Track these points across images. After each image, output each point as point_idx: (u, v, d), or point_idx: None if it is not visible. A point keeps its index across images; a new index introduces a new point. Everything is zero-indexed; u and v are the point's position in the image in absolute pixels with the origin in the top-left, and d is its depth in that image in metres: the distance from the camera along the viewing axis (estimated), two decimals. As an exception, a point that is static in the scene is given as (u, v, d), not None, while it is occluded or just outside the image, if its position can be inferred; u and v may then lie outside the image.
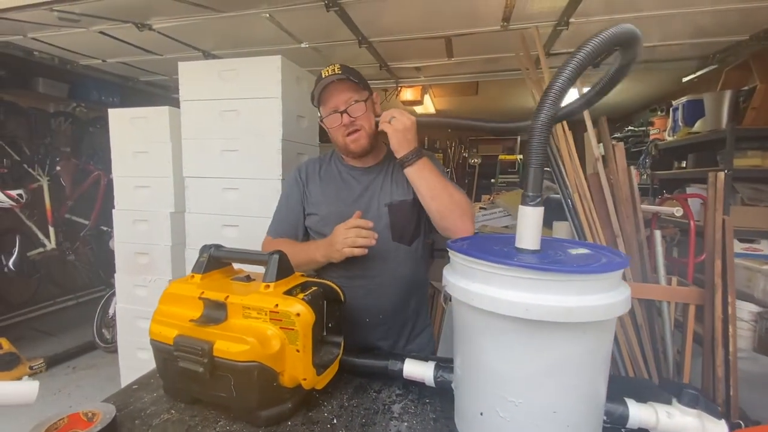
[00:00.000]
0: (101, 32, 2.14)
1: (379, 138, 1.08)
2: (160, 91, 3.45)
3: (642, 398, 0.69)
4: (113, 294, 2.88)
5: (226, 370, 0.67)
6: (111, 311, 2.84)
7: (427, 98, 4.19)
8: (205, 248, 0.83)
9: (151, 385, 0.84)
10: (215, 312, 0.73)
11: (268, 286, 0.73)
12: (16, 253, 2.65)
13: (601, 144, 1.74)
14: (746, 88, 2.59)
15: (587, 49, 0.64)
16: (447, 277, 0.66)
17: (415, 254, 1.09)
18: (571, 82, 0.64)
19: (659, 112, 4.08)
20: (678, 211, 1.95)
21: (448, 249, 0.67)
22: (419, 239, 1.10)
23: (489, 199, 3.72)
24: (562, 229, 1.95)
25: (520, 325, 0.55)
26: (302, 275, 0.82)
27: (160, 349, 0.73)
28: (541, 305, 0.53)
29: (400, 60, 2.66)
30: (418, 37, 2.19)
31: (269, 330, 0.68)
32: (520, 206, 0.66)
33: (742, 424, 1.25)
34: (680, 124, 3.14)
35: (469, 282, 0.60)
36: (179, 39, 2.24)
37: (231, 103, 1.56)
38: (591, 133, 1.72)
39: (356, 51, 2.41)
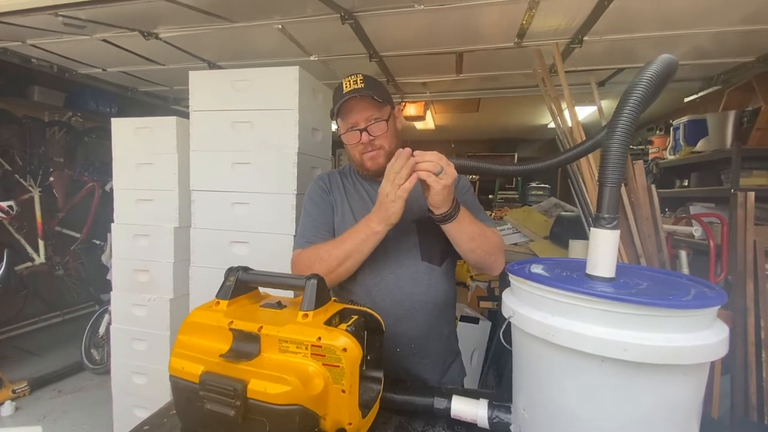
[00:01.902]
0: (104, 40, 2.07)
1: None
2: (159, 102, 3.38)
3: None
4: (104, 311, 2.74)
5: (261, 413, 0.59)
6: (101, 330, 2.70)
7: (428, 114, 4.19)
8: (231, 271, 0.75)
9: (165, 426, 0.74)
10: (247, 345, 0.64)
11: (307, 315, 0.66)
12: (3, 268, 2.51)
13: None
14: (750, 108, 2.61)
15: (657, 67, 0.59)
16: (513, 307, 0.59)
17: (446, 275, 1.03)
18: (649, 94, 0.59)
19: (658, 132, 4.14)
20: (697, 231, 1.92)
21: (514, 275, 0.61)
22: (449, 260, 1.03)
23: (491, 215, 3.69)
24: (579, 248, 1.90)
25: (612, 366, 0.48)
26: (336, 301, 0.74)
27: (182, 388, 0.64)
28: (643, 345, 0.46)
29: (408, 75, 2.64)
30: (430, 52, 2.17)
31: (311, 367, 0.60)
32: (594, 229, 0.60)
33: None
34: (681, 143, 3.16)
35: (547, 315, 0.53)
36: (185, 49, 2.19)
37: (244, 114, 1.49)
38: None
39: (365, 65, 2.38)
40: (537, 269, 0.66)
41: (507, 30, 1.91)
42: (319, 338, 0.61)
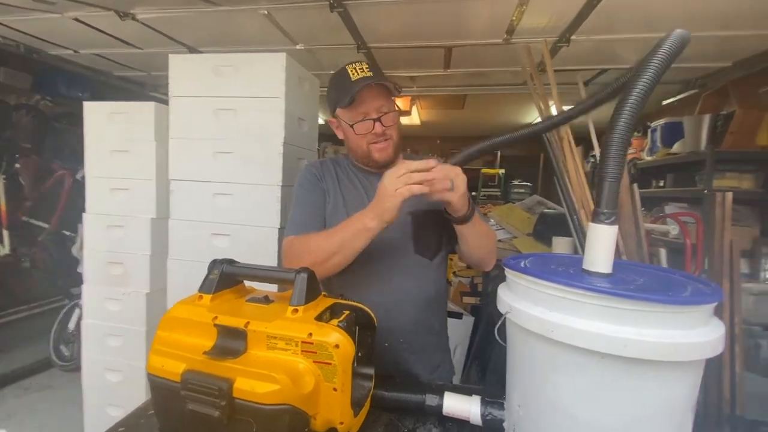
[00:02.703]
0: (76, 19, 1.96)
1: (401, 145, 1.00)
2: (135, 88, 3.23)
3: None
4: (75, 306, 2.62)
5: (247, 414, 0.56)
6: (71, 325, 2.58)
7: (413, 110, 4.17)
8: (215, 263, 0.71)
9: (142, 427, 0.70)
10: (232, 342, 0.61)
11: (296, 311, 0.63)
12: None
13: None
14: (724, 112, 2.71)
15: (664, 53, 0.58)
16: (510, 302, 0.58)
17: (438, 270, 1.01)
18: (652, 89, 0.58)
19: (636, 133, 4.26)
20: (674, 229, 1.97)
21: (512, 270, 0.60)
22: (441, 254, 1.02)
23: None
24: (562, 245, 1.93)
25: (611, 362, 0.48)
26: (326, 295, 0.71)
27: (161, 387, 0.61)
28: (643, 341, 0.46)
29: (396, 68, 2.61)
30: (419, 45, 2.15)
31: (301, 364, 0.58)
32: (592, 224, 0.59)
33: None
34: (659, 144, 3.26)
35: (545, 311, 0.52)
36: (164, 32, 2.09)
37: (227, 101, 1.43)
38: (598, 149, 1.72)
39: (353, 56, 2.34)
40: (533, 264, 0.66)
41: (496, 26, 1.90)
42: (310, 334, 0.58)
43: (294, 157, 1.51)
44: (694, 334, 0.47)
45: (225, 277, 0.70)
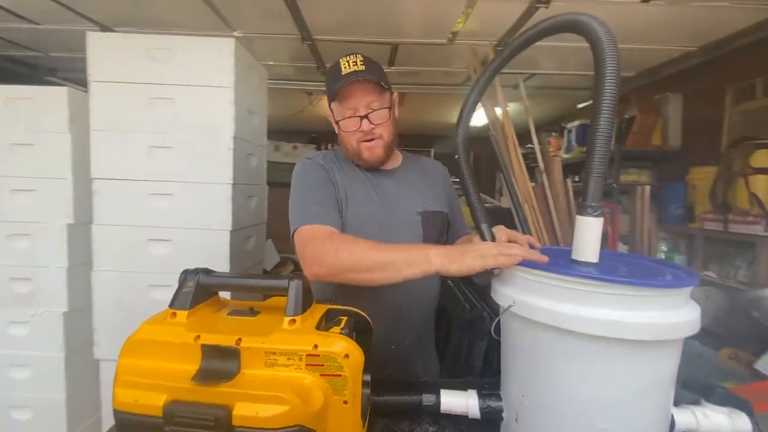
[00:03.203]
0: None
1: (396, 143, 0.97)
2: (26, 71, 2.73)
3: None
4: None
5: (251, 443, 0.49)
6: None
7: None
8: (188, 275, 0.62)
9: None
10: (221, 363, 0.53)
11: (294, 321, 0.57)
12: None
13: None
14: (627, 116, 3.11)
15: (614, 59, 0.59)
16: (513, 295, 0.59)
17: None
18: (618, 90, 0.62)
19: (553, 133, 4.72)
20: (597, 219, 2.21)
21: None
22: None
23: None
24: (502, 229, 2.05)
25: (617, 346, 0.51)
26: (317, 302, 0.66)
27: (136, 425, 0.51)
28: (645, 323, 0.49)
29: (341, 62, 2.55)
30: (366, 41, 2.12)
31: (307, 379, 0.53)
32: (580, 217, 0.63)
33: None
34: (574, 144, 3.64)
35: (554, 302, 0.54)
36: (68, 4, 1.78)
37: (164, 89, 1.27)
38: (537, 147, 1.86)
39: (296, 47, 2.24)
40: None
41: (442, 27, 1.95)
42: (316, 346, 0.53)
43: (244, 153, 1.39)
44: (684, 313, 0.52)
45: (201, 289, 0.62)
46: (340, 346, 0.54)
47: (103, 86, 1.27)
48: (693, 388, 0.72)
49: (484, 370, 1.62)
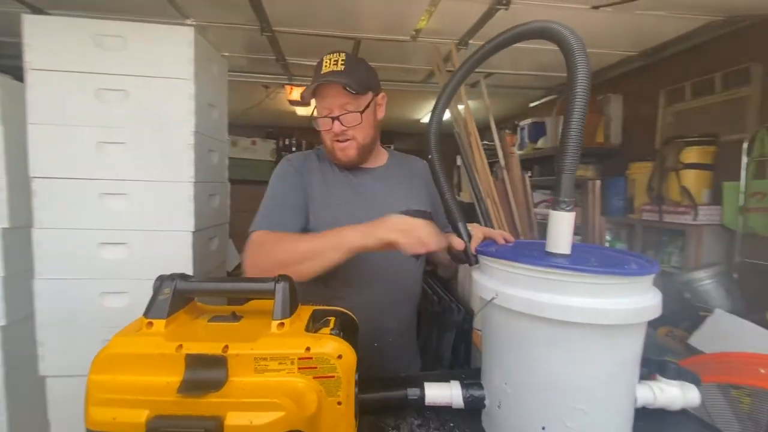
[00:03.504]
0: None
1: (376, 143, 0.98)
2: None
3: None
4: None
5: (245, 452, 0.48)
6: None
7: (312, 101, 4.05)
8: (164, 281, 0.58)
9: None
10: (207, 372, 0.51)
11: (282, 324, 0.56)
12: None
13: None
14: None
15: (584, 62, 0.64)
16: (495, 287, 0.62)
17: (420, 270, 1.03)
18: (588, 91, 0.67)
19: (507, 131, 4.93)
20: (552, 212, 2.35)
21: (498, 258, 0.63)
22: (423, 256, 1.03)
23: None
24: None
25: (594, 331, 0.55)
26: (302, 304, 0.65)
27: (115, 445, 0.47)
28: (618, 309, 0.54)
29: (301, 56, 2.49)
30: (328, 34, 2.08)
31: (300, 383, 0.52)
32: (553, 212, 0.66)
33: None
34: (527, 141, 3.84)
35: (534, 293, 0.57)
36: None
37: (114, 80, 1.16)
38: (497, 142, 1.93)
39: (254, 39, 2.15)
40: (501, 251, 0.71)
41: (405, 24, 1.97)
42: (308, 348, 0.53)
43: (205, 149, 1.32)
44: (649, 297, 0.57)
45: (178, 296, 0.58)
46: (332, 347, 0.54)
47: (42, 75, 1.14)
48: (649, 365, 0.80)
49: (452, 360, 1.68)
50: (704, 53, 2.17)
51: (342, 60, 0.87)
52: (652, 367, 0.78)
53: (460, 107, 1.94)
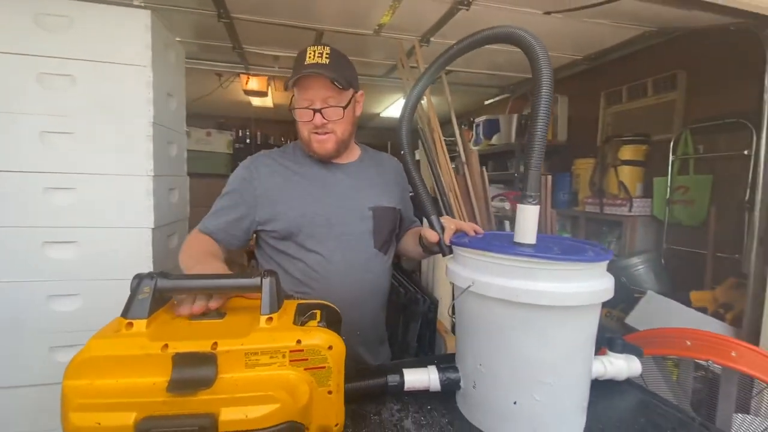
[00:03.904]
0: None
1: (352, 139, 0.99)
2: None
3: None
4: None
5: (240, 446, 0.48)
6: None
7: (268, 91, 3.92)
8: (142, 279, 0.56)
9: None
10: (196, 370, 0.50)
11: (271, 319, 0.56)
12: None
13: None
14: (525, 113, 3.51)
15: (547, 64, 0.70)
16: (471, 276, 0.66)
17: (389, 264, 1.05)
18: (552, 92, 0.73)
19: (463, 126, 5.10)
20: (507, 206, 2.49)
21: (475, 249, 0.67)
22: (392, 250, 1.06)
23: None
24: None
25: (560, 312, 0.61)
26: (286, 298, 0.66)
27: (101, 450, 0.46)
28: (580, 292, 0.60)
29: (260, 45, 2.40)
30: (289, 24, 2.03)
31: (292, 375, 0.53)
32: (521, 205, 0.72)
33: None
34: (481, 137, 4.00)
35: (508, 280, 0.62)
36: None
37: (60, 64, 1.07)
38: (459, 138, 2.01)
39: (211, 25, 2.05)
40: (473, 242, 0.75)
41: (368, 18, 1.97)
42: (299, 341, 0.54)
43: (164, 141, 1.25)
44: (606, 281, 0.64)
45: (158, 295, 0.56)
46: (323, 338, 0.55)
47: (-30, 55, 1.02)
48: (599, 341, 0.89)
49: (418, 349, 1.74)
50: (639, 60, 2.40)
51: (327, 53, 0.87)
52: (602, 342, 0.88)
53: (423, 103, 1.99)
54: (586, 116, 3.05)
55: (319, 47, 0.89)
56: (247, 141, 5.78)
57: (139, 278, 0.56)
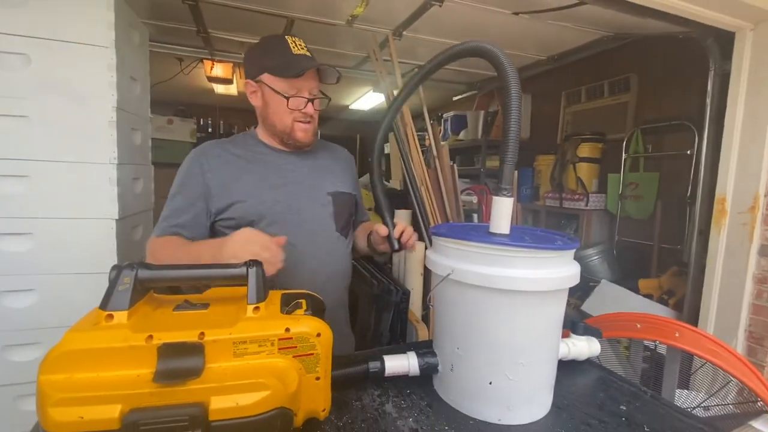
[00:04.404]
0: None
1: None
2: None
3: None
4: None
5: (230, 434, 0.48)
6: None
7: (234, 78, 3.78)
8: (122, 270, 0.54)
9: None
10: (183, 361, 0.50)
11: (258, 308, 0.56)
12: None
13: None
14: (491, 110, 3.62)
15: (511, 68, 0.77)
16: (450, 264, 0.69)
17: (349, 248, 1.07)
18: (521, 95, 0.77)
19: (432, 121, 5.17)
20: (474, 199, 2.57)
21: (454, 239, 0.70)
22: (351, 234, 1.08)
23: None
24: (404, 216, 2.23)
25: (533, 297, 0.66)
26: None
27: (84, 445, 0.44)
28: (552, 278, 0.65)
29: (227, 30, 2.31)
30: (260, 10, 1.97)
31: (281, 362, 0.53)
32: (496, 197, 0.76)
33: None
34: (449, 132, 4.09)
35: (487, 267, 0.66)
36: None
37: (9, 41, 0.98)
38: (430, 134, 2.05)
39: (175, 7, 1.94)
40: (452, 231, 0.79)
41: (341, 9, 1.95)
42: (288, 329, 0.54)
43: (128, 127, 1.19)
44: (571, 268, 0.69)
45: (139, 285, 0.55)
46: (311, 326, 0.56)
47: None
48: (563, 324, 0.96)
49: (390, 338, 1.78)
50: (597, 63, 2.54)
51: (303, 45, 0.92)
52: (566, 325, 0.94)
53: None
54: (547, 114, 3.20)
55: (297, 39, 0.92)
56: (209, 130, 5.55)
57: (118, 269, 0.54)
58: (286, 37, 0.91)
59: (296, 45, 0.90)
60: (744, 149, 1.70)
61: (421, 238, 1.64)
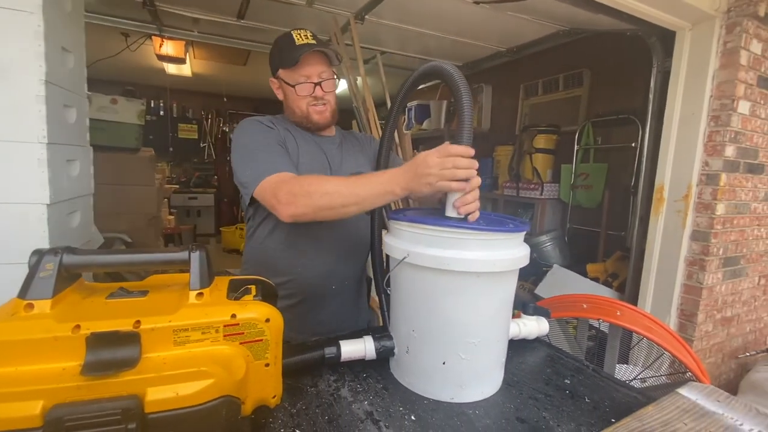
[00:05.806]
0: None
1: (337, 111, 1.07)
2: None
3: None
4: None
5: (170, 426, 0.45)
6: None
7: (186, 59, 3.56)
8: (44, 255, 0.49)
9: None
10: (115, 351, 0.46)
11: (202, 294, 0.53)
12: None
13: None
14: (453, 101, 3.66)
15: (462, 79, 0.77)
16: (406, 248, 0.69)
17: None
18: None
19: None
20: (436, 187, 2.60)
21: (411, 222, 0.70)
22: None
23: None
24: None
25: (484, 278, 0.67)
26: (218, 274, 0.63)
27: (-2, 446, 0.40)
28: (503, 259, 0.66)
29: (177, 4, 2.16)
30: (213, -15, 1.86)
31: (226, 350, 0.51)
32: (452, 184, 0.77)
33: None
34: (413, 122, 4.11)
35: (440, 250, 0.66)
36: None
37: None
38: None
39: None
40: (417, 216, 0.79)
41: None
42: (234, 315, 0.52)
43: (60, 104, 1.08)
44: (521, 250, 0.71)
45: (64, 272, 0.50)
46: (260, 312, 0.54)
47: None
48: (515, 305, 0.99)
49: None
50: (552, 57, 2.63)
51: (310, 35, 0.98)
52: (517, 306, 0.98)
53: (359, 82, 1.97)
54: (507, 106, 3.28)
55: (303, 31, 0.98)
56: (161, 113, 5.22)
57: (39, 254, 0.49)
58: (292, 31, 0.98)
59: (300, 36, 0.96)
60: (680, 142, 1.84)
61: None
